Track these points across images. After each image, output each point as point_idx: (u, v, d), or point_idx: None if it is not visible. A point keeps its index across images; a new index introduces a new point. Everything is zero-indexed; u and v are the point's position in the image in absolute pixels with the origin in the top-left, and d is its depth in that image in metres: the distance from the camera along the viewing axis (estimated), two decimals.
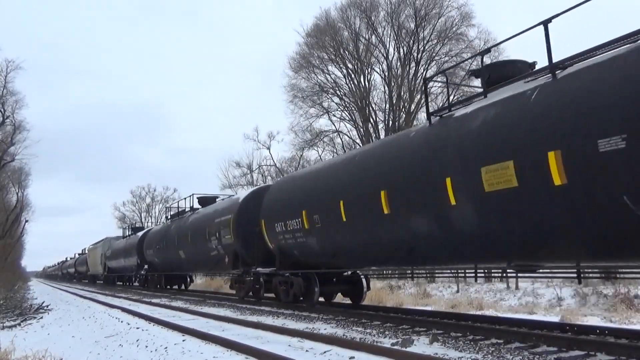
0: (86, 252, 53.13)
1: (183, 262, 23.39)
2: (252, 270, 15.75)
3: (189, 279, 30.35)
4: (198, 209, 23.00)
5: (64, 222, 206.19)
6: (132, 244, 31.74)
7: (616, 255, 6.59)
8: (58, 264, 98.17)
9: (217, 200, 22.43)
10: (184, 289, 29.47)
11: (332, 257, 12.33)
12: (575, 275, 12.00)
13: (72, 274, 67.99)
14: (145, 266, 29.30)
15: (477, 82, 9.80)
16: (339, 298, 15.56)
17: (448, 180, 7.85)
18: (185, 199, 24.86)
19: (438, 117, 9.01)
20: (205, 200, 22.79)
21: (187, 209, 24.53)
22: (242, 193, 19.20)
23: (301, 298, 13.78)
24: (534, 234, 6.93)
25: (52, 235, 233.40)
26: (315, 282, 13.27)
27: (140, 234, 32.32)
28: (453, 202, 7.79)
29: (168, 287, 28.99)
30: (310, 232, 12.25)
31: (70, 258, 76.32)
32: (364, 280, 14.01)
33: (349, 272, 14.06)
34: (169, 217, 28.15)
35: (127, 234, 38.70)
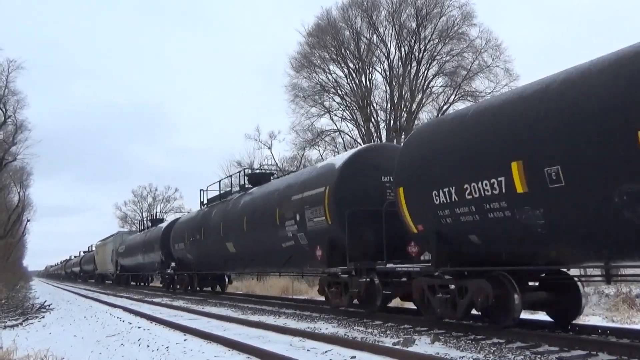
0: (93, 248, 50.23)
1: (232, 258, 18.21)
2: (376, 267, 10.97)
3: (226, 280, 24.79)
4: (250, 188, 18.50)
5: (66, 222, 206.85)
6: (154, 238, 27.47)
7: None
8: (61, 262, 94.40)
9: (272, 179, 18.34)
10: (221, 292, 24.08)
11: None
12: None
13: (76, 273, 65.64)
14: (173, 264, 24.74)
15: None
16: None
17: None
18: (230, 176, 21.05)
19: None
20: (258, 179, 18.48)
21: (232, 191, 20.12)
22: (340, 157, 13.56)
23: (479, 313, 9.10)
24: None
25: (54, 235, 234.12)
26: (514, 288, 8.01)
27: (164, 224, 28.33)
28: None
29: (199, 289, 23.82)
30: (529, 200, 7.21)
31: (75, 256, 73.32)
32: (580, 285, 8.61)
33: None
34: (205, 202, 22.36)
35: (145, 226, 36.65)
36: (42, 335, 11.47)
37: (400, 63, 34.00)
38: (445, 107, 32.85)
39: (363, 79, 34.74)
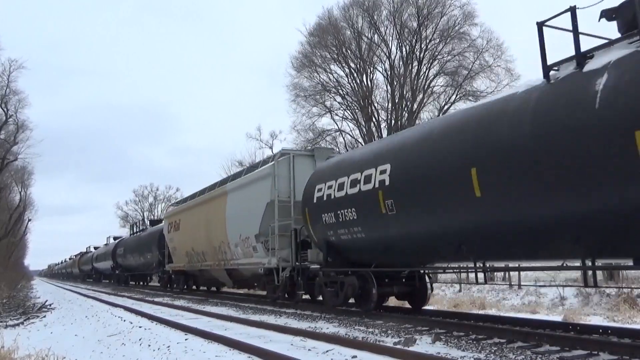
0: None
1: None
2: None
3: None
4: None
5: (68, 222, 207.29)
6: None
7: None
8: (75, 256, 72.15)
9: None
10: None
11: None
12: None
13: (102, 271, 50.55)
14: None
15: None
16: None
17: None
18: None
19: None
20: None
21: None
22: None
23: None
24: None
25: (56, 234, 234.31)
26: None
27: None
28: None
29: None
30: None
31: (94, 247, 58.34)
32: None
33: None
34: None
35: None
36: (43, 335, 11.48)
37: (401, 63, 34.00)
38: (446, 107, 32.85)
39: (364, 79, 34.76)
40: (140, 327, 11.37)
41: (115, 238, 47.23)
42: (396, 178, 9.65)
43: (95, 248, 57.20)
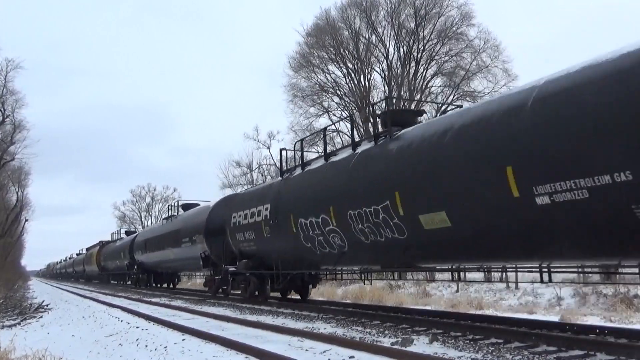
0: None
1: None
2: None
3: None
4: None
5: (66, 222, 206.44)
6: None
7: None
8: (85, 250, 58.01)
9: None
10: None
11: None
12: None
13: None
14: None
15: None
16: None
17: None
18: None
19: None
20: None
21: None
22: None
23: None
24: None
25: (54, 234, 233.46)
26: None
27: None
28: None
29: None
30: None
31: (117, 237, 46.18)
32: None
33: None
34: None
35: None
36: (40, 335, 11.46)
37: (399, 63, 34.01)
38: (443, 108, 32.84)
39: (362, 79, 34.75)
40: (137, 327, 11.34)
41: (128, 232, 45.45)
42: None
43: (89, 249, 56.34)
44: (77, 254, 66.93)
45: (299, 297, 17.39)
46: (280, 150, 16.47)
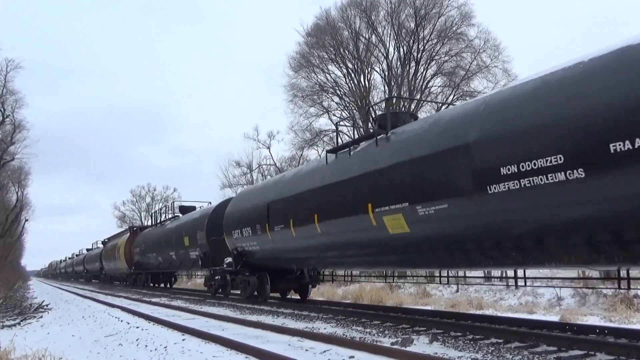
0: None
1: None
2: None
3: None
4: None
5: (66, 222, 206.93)
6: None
7: None
8: (108, 239, 44.36)
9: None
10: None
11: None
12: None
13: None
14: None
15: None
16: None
17: None
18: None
19: None
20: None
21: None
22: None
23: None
24: None
25: (53, 234, 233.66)
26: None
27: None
28: None
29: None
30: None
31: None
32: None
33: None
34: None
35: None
36: (40, 335, 11.46)
37: (399, 63, 34.00)
38: (443, 108, 32.86)
39: (362, 79, 34.74)
40: (137, 327, 11.34)
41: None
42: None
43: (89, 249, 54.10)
44: (88, 249, 56.58)
45: (298, 297, 17.41)
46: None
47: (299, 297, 17.35)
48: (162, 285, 33.57)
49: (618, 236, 6.20)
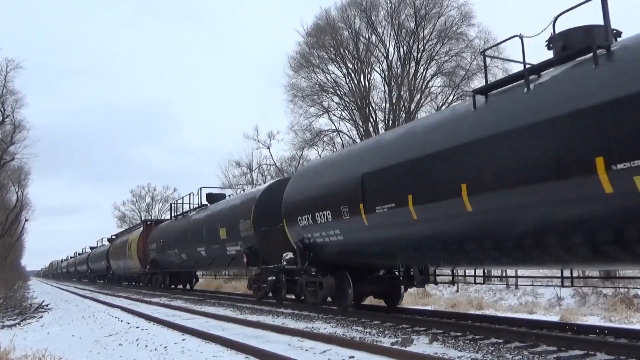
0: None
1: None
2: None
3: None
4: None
5: (66, 222, 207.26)
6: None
7: None
8: (116, 236, 41.26)
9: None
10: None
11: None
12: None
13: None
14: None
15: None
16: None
17: None
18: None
19: None
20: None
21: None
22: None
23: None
24: None
25: (53, 234, 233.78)
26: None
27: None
28: None
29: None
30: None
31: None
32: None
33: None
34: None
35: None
36: (40, 335, 11.46)
37: (399, 63, 34.01)
38: (443, 107, 32.88)
39: (362, 79, 34.74)
40: (137, 327, 11.34)
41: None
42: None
43: (91, 248, 53.41)
44: (92, 248, 53.84)
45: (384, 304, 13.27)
46: None
47: (383, 304, 13.26)
48: (182, 286, 29.42)
49: None
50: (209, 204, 22.00)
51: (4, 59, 36.50)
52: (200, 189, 23.11)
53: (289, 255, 13.80)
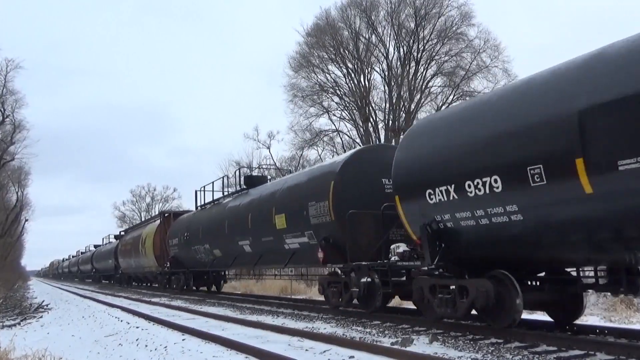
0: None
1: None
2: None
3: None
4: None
5: (66, 222, 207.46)
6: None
7: None
8: (125, 231, 39.46)
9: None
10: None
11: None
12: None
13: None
14: None
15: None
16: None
17: None
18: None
19: None
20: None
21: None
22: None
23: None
24: None
25: (53, 234, 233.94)
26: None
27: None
28: None
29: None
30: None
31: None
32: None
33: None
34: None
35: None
36: (40, 335, 11.46)
37: (399, 63, 34.06)
38: (443, 108, 32.88)
39: (362, 79, 34.79)
40: (137, 327, 11.34)
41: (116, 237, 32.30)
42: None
43: (96, 246, 50.95)
44: (96, 246, 49.82)
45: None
46: None
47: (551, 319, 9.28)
48: (207, 288, 24.71)
49: None
50: (248, 189, 17.99)
51: (4, 59, 36.60)
52: (239, 168, 19.89)
53: (402, 247, 10.38)
